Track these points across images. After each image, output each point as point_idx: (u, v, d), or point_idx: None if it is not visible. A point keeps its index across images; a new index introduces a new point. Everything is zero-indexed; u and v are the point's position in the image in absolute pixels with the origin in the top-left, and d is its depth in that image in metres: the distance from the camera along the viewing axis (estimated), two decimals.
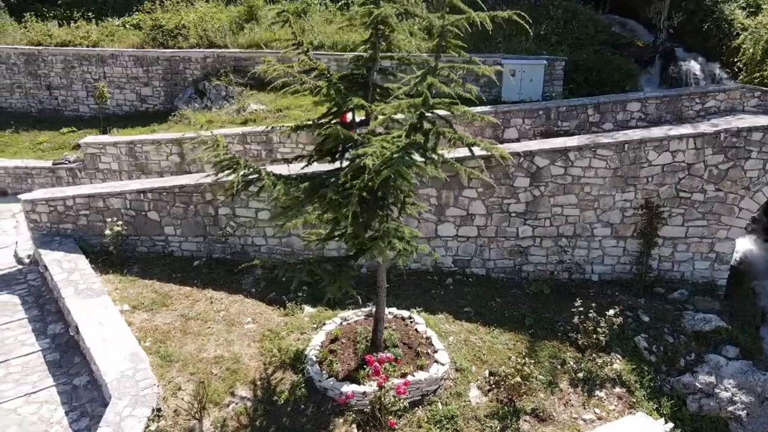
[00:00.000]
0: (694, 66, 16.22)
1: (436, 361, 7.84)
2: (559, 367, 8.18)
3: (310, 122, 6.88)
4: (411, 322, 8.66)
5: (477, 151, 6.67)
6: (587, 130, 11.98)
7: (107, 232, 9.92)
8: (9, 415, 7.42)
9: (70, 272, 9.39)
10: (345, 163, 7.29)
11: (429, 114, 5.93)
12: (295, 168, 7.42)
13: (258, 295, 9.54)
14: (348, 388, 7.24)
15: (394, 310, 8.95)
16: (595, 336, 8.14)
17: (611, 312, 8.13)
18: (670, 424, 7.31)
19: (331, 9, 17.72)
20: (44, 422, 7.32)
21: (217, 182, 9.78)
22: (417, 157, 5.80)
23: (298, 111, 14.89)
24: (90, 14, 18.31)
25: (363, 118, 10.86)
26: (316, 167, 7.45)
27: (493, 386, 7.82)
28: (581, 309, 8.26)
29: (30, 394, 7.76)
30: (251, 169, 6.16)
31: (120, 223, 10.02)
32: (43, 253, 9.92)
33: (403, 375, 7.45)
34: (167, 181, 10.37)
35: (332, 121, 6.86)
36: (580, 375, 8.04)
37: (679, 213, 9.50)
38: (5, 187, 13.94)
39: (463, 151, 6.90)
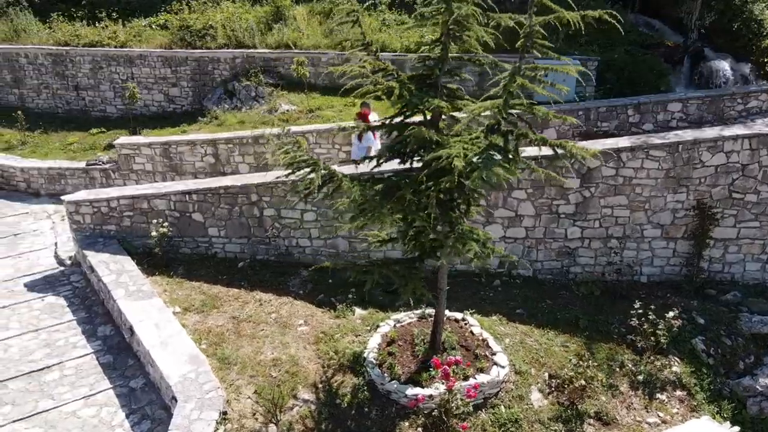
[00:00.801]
0: (723, 66, 16.14)
1: (495, 364, 7.78)
2: (617, 369, 8.12)
3: (378, 122, 6.82)
4: (465, 324, 8.60)
5: (542, 150, 6.63)
6: (627, 130, 11.93)
7: (153, 233, 9.88)
8: (69, 418, 7.38)
9: (118, 274, 9.34)
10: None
11: (509, 115, 5.86)
12: (341, 167, 7.38)
13: (306, 297, 9.49)
14: (413, 391, 7.18)
15: (446, 311, 8.88)
16: (654, 338, 8.08)
17: (671, 314, 8.07)
18: (736, 428, 7.25)
19: (360, 9, 17.62)
20: (105, 425, 7.28)
21: (277, 183, 9.79)
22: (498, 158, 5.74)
23: (329, 111, 14.89)
24: (114, 14, 18.28)
25: (378, 119, 10.86)
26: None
27: (553, 389, 7.77)
28: (640, 311, 8.19)
29: (88, 397, 7.72)
30: (328, 171, 6.10)
31: (166, 224, 9.98)
32: (89, 255, 9.87)
33: (465, 378, 7.39)
34: (212, 182, 10.32)
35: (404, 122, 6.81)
36: (640, 378, 7.98)
37: (732, 214, 9.43)
38: (38, 188, 13.91)
39: (531, 151, 6.84)
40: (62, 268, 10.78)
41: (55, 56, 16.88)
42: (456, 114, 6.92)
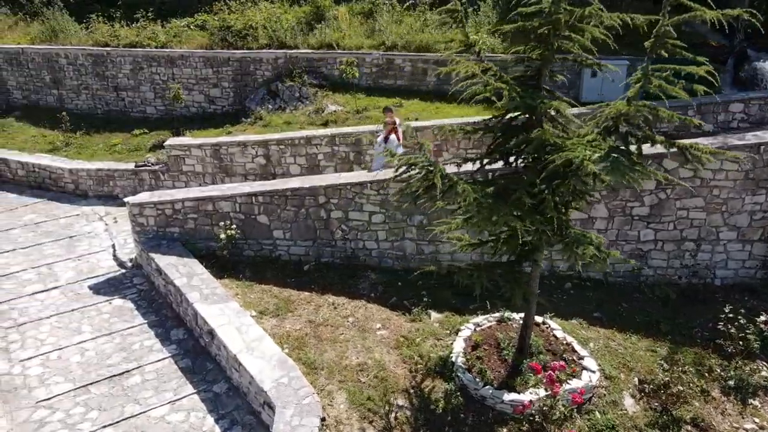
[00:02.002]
0: (766, 66, 15.99)
1: (584, 369, 7.68)
2: (706, 374, 8.00)
3: (482, 124, 6.72)
4: (547, 327, 8.49)
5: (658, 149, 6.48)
6: (687, 132, 11.78)
7: (222, 236, 9.80)
8: (159, 423, 7.30)
9: (189, 277, 9.25)
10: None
11: (637, 116, 5.75)
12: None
13: (378, 300, 9.39)
14: (509, 396, 7.09)
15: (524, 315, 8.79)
16: (742, 342, 7.96)
17: (762, 318, 7.95)
18: None
19: (398, 9, 17.57)
20: (196, 431, 7.19)
21: (346, 185, 9.70)
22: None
23: (376, 112, 14.75)
24: (150, 15, 18.23)
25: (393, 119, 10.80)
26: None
27: (643, 394, 7.66)
28: (730, 315, 8.07)
29: (173, 402, 7.64)
30: (443, 174, 5.99)
31: (234, 226, 9.90)
32: (156, 257, 9.78)
33: (559, 382, 7.29)
34: (279, 184, 10.23)
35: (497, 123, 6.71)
36: (731, 383, 7.85)
37: None
38: (86, 189, 13.84)
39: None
40: (123, 271, 10.71)
41: (96, 57, 16.82)
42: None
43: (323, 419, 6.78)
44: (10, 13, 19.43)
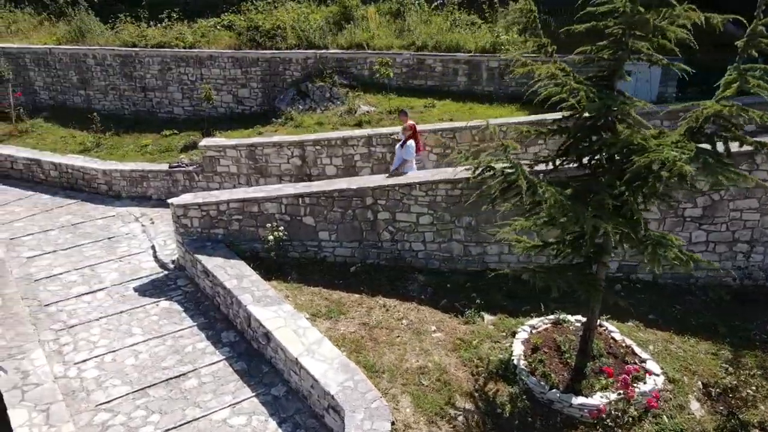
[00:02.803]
0: None
1: (647, 372, 7.61)
2: None
3: (555, 126, 6.64)
4: (604, 330, 8.42)
5: None
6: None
7: (270, 237, 9.74)
8: (221, 426, 7.24)
9: (239, 279, 9.18)
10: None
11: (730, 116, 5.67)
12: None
13: (429, 302, 9.32)
14: (578, 400, 7.02)
15: (579, 317, 8.72)
16: None
17: None
18: None
19: (426, 9, 17.50)
20: None
21: (394, 186, 9.62)
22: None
23: (409, 112, 14.66)
24: (174, 15, 18.18)
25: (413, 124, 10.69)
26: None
27: (708, 398, 7.58)
28: None
29: (234, 405, 7.57)
30: (526, 176, 5.92)
31: (281, 228, 9.84)
32: (202, 259, 9.71)
33: (624, 386, 7.21)
34: (325, 185, 10.16)
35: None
36: None
37: None
38: (120, 190, 13.79)
39: None
40: (166, 272, 10.65)
41: (124, 57, 16.76)
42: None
43: (393, 423, 6.71)
44: (34, 13, 19.38)
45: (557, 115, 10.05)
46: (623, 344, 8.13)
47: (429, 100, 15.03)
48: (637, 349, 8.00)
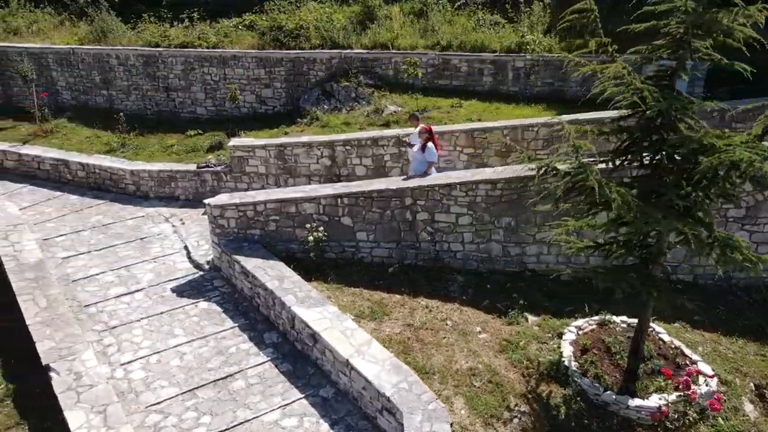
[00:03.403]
0: None
1: (699, 373, 7.55)
2: None
3: (615, 125, 6.59)
4: (651, 331, 8.36)
5: None
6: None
7: (310, 238, 9.71)
8: (273, 428, 7.20)
9: (279, 280, 9.14)
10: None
11: None
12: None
13: (471, 303, 9.27)
14: (635, 402, 6.98)
15: (625, 318, 8.68)
16: None
17: None
18: None
19: (449, 9, 17.47)
20: None
21: (433, 186, 9.59)
22: None
23: (436, 113, 14.67)
24: (195, 14, 18.18)
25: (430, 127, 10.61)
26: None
27: (762, 399, 7.54)
28: None
29: (284, 407, 7.53)
30: (597, 177, 5.87)
31: (321, 228, 9.80)
32: (240, 260, 9.67)
33: (676, 388, 7.17)
34: (364, 186, 10.13)
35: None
36: None
37: None
38: (148, 190, 13.75)
39: None
40: (201, 273, 10.62)
41: (147, 57, 16.74)
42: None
43: (451, 425, 6.67)
44: (54, 13, 19.36)
45: (603, 114, 10.01)
46: (672, 345, 8.08)
47: (455, 100, 15.00)
48: (687, 351, 7.95)
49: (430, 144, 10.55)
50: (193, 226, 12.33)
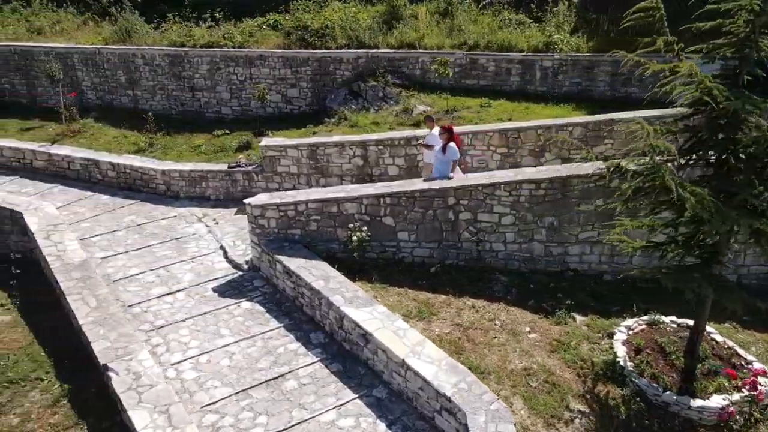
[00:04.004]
0: None
1: (765, 373, 7.51)
2: None
3: (682, 125, 6.56)
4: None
5: None
6: None
7: (354, 237, 9.68)
8: (331, 428, 7.18)
9: (325, 280, 9.12)
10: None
11: None
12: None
13: (516, 303, 9.25)
14: (696, 402, 6.95)
15: (674, 318, 8.65)
16: None
17: None
18: None
19: (473, 9, 17.45)
20: None
21: (477, 186, 9.56)
22: None
23: (466, 112, 14.65)
24: (217, 14, 18.17)
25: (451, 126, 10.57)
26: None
27: None
28: None
29: (339, 407, 7.51)
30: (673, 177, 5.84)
31: (365, 228, 9.78)
32: (283, 260, 9.65)
33: (737, 389, 7.14)
34: (406, 185, 10.11)
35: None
36: None
37: None
38: (178, 190, 13.74)
39: None
40: (240, 273, 10.60)
41: (173, 57, 16.74)
42: None
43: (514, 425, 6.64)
44: (77, 13, 19.37)
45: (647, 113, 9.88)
46: (725, 346, 8.05)
47: (484, 100, 14.97)
48: (740, 351, 7.92)
49: (451, 143, 10.49)
50: (226, 226, 12.32)
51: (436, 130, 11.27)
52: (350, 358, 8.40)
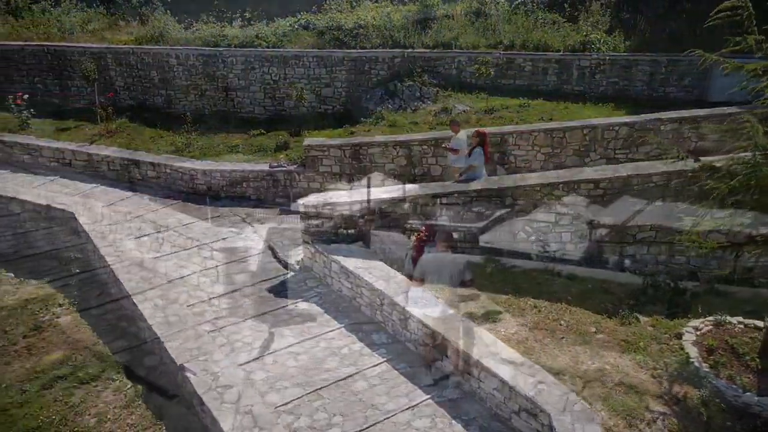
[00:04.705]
0: None
1: None
2: None
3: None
4: None
5: None
6: None
7: (411, 238, 9.64)
8: (407, 429, 7.13)
9: (386, 280, 9.08)
10: None
11: None
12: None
13: (577, 303, 9.19)
14: None
15: (740, 318, 8.59)
16: None
17: None
18: None
19: (507, 8, 17.40)
20: None
21: (534, 186, 9.51)
22: None
23: (505, 112, 14.61)
24: (247, 14, 18.16)
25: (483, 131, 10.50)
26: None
27: None
28: None
29: (412, 407, 7.47)
30: None
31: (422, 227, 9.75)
32: (340, 260, 9.63)
33: None
34: (462, 185, 10.08)
35: None
36: None
37: None
38: (219, 190, 13.73)
39: None
40: (292, 273, 10.59)
41: (207, 57, 16.72)
42: None
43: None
44: (107, 13, 19.36)
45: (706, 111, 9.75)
46: None
47: (522, 100, 14.93)
48: None
49: (478, 149, 10.43)
50: (272, 225, 12.30)
51: (461, 134, 11.30)
52: (417, 359, 8.36)
